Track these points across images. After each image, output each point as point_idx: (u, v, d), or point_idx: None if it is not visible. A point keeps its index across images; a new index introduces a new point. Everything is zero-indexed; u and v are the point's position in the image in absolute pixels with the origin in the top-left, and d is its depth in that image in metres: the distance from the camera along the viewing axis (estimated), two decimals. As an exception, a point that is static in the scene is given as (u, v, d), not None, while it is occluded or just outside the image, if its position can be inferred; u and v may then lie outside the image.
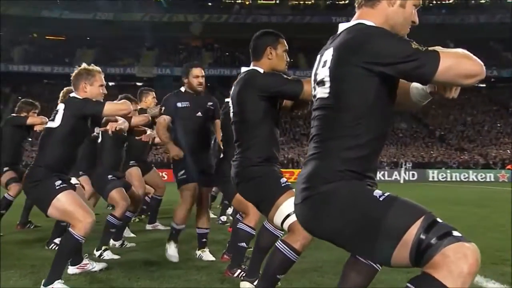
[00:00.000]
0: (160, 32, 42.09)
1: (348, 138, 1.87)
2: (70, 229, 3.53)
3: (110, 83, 44.06)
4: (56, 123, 3.60)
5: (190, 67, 4.83)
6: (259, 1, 46.00)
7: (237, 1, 45.54)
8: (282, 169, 3.28)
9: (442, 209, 9.93)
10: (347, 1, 46.94)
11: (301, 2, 47.16)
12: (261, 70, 3.17)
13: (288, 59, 3.33)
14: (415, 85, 2.01)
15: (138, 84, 43.33)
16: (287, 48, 3.31)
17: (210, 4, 43.87)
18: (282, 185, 3.13)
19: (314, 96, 2.03)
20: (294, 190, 3.03)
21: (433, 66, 1.73)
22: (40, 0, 42.03)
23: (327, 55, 1.93)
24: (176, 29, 42.55)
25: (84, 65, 3.87)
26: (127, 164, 5.72)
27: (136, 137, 5.40)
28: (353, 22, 1.99)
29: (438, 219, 1.72)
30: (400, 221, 1.72)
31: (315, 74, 2.00)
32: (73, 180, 4.96)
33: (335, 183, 1.85)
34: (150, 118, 4.95)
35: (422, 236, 1.67)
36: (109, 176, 4.98)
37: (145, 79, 43.06)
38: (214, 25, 43.05)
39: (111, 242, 5.19)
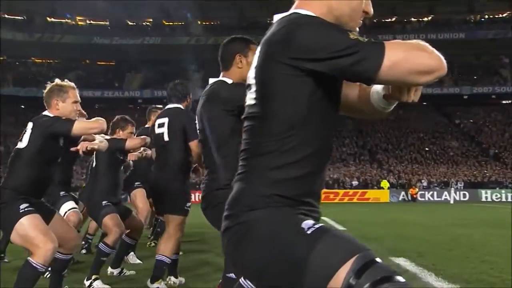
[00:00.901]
0: (206, 54, 42.74)
1: (276, 155, 1.52)
2: (29, 257, 3.26)
3: (159, 106, 45.03)
4: (23, 143, 3.40)
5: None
6: (303, 22, 46.07)
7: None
8: (326, 189, 3.01)
9: (483, 233, 9.39)
10: (393, 19, 46.32)
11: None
12: (229, 81, 2.92)
13: None
14: (377, 88, 1.68)
15: (185, 106, 44.35)
16: None
17: (252, 25, 44.23)
18: None
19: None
20: None
21: (376, 61, 1.40)
22: (92, 27, 43.81)
23: (257, 52, 1.60)
24: (221, 51, 43.14)
25: (57, 80, 3.65)
26: (132, 185, 5.65)
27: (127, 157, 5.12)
28: (288, 12, 1.63)
29: (377, 259, 1.37)
30: (328, 260, 1.37)
31: (248, 77, 1.65)
32: (70, 205, 4.95)
33: (259, 211, 1.49)
34: (148, 140, 4.68)
35: (352, 281, 1.33)
36: (104, 202, 4.67)
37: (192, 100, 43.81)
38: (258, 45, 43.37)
39: (109, 269, 4.96)
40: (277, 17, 1.63)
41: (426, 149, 40.43)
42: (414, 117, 44.41)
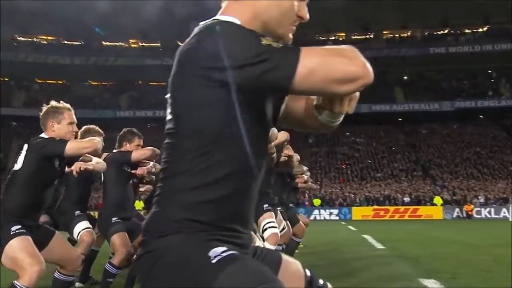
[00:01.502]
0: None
1: (191, 175, 1.39)
2: (14, 280, 3.16)
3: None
4: (18, 165, 3.40)
5: None
6: (352, 36, 45.68)
7: (330, 38, 45.54)
8: (376, 206, 2.90)
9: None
10: (445, 31, 45.20)
11: (397, 35, 46.13)
12: None
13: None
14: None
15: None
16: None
17: (303, 42, 44.30)
18: None
19: None
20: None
21: (289, 69, 1.26)
22: (144, 49, 45.21)
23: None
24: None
25: (52, 102, 3.65)
26: (150, 202, 5.68)
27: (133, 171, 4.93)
28: (211, 18, 1.50)
29: None
30: None
31: None
32: (84, 224, 4.95)
33: (169, 238, 1.38)
34: (158, 152, 4.54)
35: None
36: (114, 218, 4.55)
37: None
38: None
39: None
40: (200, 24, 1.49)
41: (483, 164, 38.87)
42: (469, 131, 42.93)
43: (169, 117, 1.47)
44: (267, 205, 5.38)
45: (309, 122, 1.65)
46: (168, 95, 1.48)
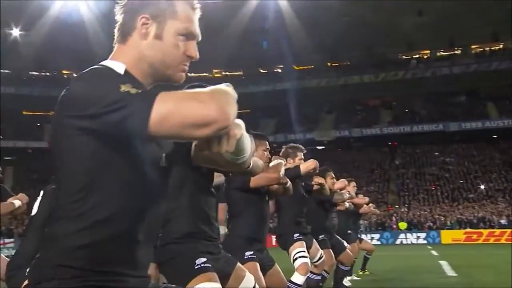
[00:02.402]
0: (337, 96, 42.92)
1: (68, 221, 1.42)
2: None
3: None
4: (34, 211, 3.44)
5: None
6: (438, 53, 44.11)
7: (414, 56, 44.31)
8: (470, 229, 2.75)
9: None
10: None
11: (486, 49, 43.89)
12: None
13: None
14: None
15: (318, 147, 44.47)
16: None
17: (382, 63, 43.46)
18: (196, 267, 2.75)
19: None
20: (212, 274, 2.81)
21: (142, 116, 1.26)
22: (227, 78, 46.52)
23: None
24: (353, 91, 42.90)
25: None
26: None
27: None
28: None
29: None
30: None
31: None
32: None
33: (44, 284, 1.38)
34: None
35: None
36: None
37: (326, 142, 43.92)
38: (391, 82, 42.34)
39: None
40: None
41: None
42: None
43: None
44: (297, 234, 5.40)
45: (219, 161, 1.60)
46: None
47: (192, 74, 46.63)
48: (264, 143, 4.20)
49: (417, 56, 44.37)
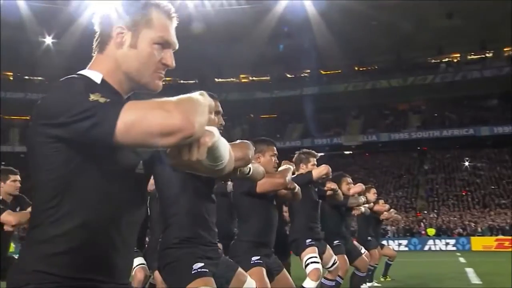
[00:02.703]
0: (364, 100, 42.56)
1: (44, 227, 1.45)
2: None
3: (319, 154, 45.58)
4: None
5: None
6: (468, 57, 43.33)
7: (443, 60, 43.63)
8: (502, 236, 2.71)
9: None
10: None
11: (519, 51, 42.89)
12: None
13: (222, 122, 3.12)
14: None
15: (346, 152, 44.20)
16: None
17: (411, 67, 42.91)
18: (193, 272, 2.80)
19: None
20: (208, 278, 2.85)
21: (109, 124, 1.29)
22: (254, 83, 46.76)
23: None
24: (381, 95, 42.48)
25: None
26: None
27: None
28: None
29: None
30: None
31: None
32: (138, 261, 5.16)
33: None
34: None
35: None
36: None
37: (353, 147, 43.59)
38: (420, 86, 41.76)
39: None
40: None
41: None
42: None
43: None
44: (310, 240, 5.40)
45: (198, 167, 1.54)
46: None
47: (220, 79, 47.00)
48: (272, 148, 4.22)
49: (446, 59, 43.67)
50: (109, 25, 1.60)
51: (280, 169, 4.23)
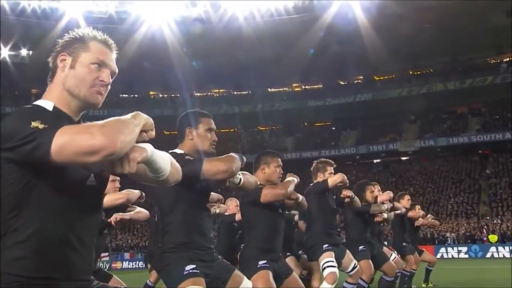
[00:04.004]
0: (420, 104, 41.54)
1: (8, 235, 1.71)
2: None
3: (375, 160, 45.08)
4: None
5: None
6: (530, 55, 41.44)
7: (504, 60, 41.93)
8: None
9: None
10: None
11: None
12: (181, 152, 3.23)
13: (215, 138, 3.29)
14: None
15: (402, 158, 43.23)
16: (211, 127, 3.29)
17: (467, 69, 41.54)
18: (185, 273, 3.05)
19: None
20: (198, 278, 3.10)
21: (45, 147, 1.56)
22: (306, 92, 46.74)
23: None
24: (437, 99, 41.35)
25: None
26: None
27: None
28: None
29: None
30: None
31: None
32: None
33: None
34: (129, 197, 4.38)
35: None
36: None
37: (410, 152, 42.60)
38: (479, 88, 40.30)
39: None
40: None
41: None
42: None
43: None
44: (326, 245, 5.58)
45: (147, 178, 1.94)
46: None
47: (273, 89, 47.31)
48: (276, 160, 4.45)
49: (507, 59, 41.96)
50: (56, 56, 1.94)
51: (284, 181, 4.44)
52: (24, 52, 37.75)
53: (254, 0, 35.44)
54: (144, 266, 18.39)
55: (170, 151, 3.15)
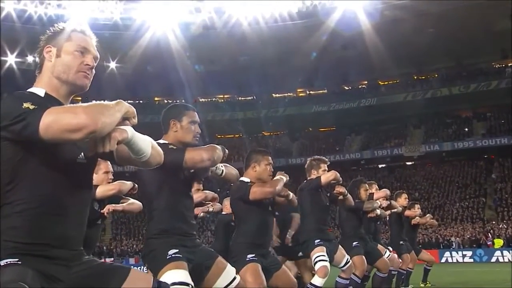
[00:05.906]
0: (425, 109, 41.52)
1: (4, 207, 1.89)
2: None
3: (380, 165, 44.96)
4: None
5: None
6: (534, 60, 41.34)
7: (509, 64, 41.84)
8: None
9: None
10: None
11: None
12: (164, 142, 3.31)
13: (198, 130, 3.37)
14: None
15: (408, 163, 43.13)
16: (195, 119, 3.37)
17: (471, 73, 41.47)
18: (167, 257, 3.14)
19: None
20: (180, 262, 3.18)
21: (34, 126, 1.73)
22: (310, 97, 46.79)
23: None
24: (442, 104, 41.30)
25: None
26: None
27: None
28: None
29: None
30: None
31: None
32: None
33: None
34: (121, 188, 4.32)
35: None
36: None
37: (415, 157, 42.51)
38: (484, 93, 40.21)
39: None
40: None
41: None
42: None
43: None
44: (318, 240, 5.66)
45: (131, 160, 2.13)
46: None
47: (277, 95, 47.41)
48: (267, 158, 4.54)
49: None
50: (42, 50, 2.13)
51: (273, 179, 4.53)
52: (30, 59, 37.93)
53: (258, 6, 35.58)
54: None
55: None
